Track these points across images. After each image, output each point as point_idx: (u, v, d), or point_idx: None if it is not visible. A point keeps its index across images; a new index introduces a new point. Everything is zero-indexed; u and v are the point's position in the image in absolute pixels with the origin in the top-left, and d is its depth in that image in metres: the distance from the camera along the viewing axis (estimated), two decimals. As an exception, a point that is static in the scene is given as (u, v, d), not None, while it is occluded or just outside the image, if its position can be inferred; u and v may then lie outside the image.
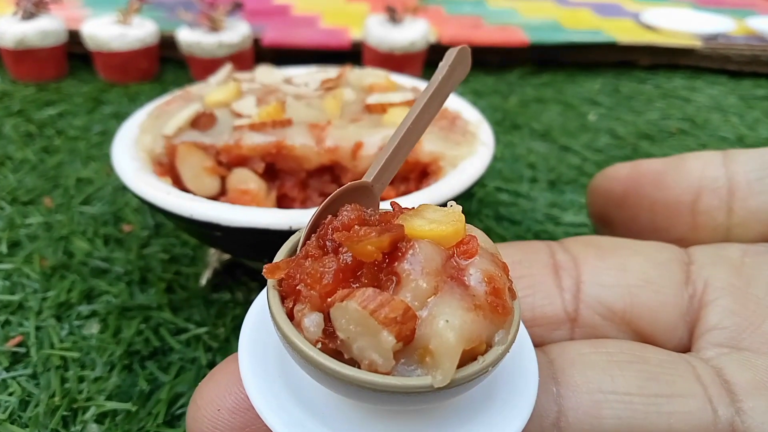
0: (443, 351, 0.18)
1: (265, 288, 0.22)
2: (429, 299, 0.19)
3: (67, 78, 0.74)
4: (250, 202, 0.36)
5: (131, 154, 0.36)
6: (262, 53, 0.78)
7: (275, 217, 0.30)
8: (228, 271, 0.41)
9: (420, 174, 0.37)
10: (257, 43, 0.77)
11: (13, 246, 0.44)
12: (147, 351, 0.35)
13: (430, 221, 0.21)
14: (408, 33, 0.69)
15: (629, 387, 0.23)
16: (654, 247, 0.29)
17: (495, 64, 0.80)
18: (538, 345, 0.27)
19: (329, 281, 0.19)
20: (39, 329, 0.37)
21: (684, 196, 0.32)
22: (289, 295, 0.20)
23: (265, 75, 0.45)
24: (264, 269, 0.20)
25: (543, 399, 0.23)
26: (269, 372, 0.22)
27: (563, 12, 0.93)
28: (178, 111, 0.39)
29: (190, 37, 0.70)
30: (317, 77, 0.43)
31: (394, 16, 0.71)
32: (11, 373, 0.34)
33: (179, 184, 0.37)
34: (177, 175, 0.37)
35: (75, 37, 0.74)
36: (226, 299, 0.39)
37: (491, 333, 0.20)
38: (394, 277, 0.19)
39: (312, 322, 0.19)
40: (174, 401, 0.33)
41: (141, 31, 0.71)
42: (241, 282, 0.41)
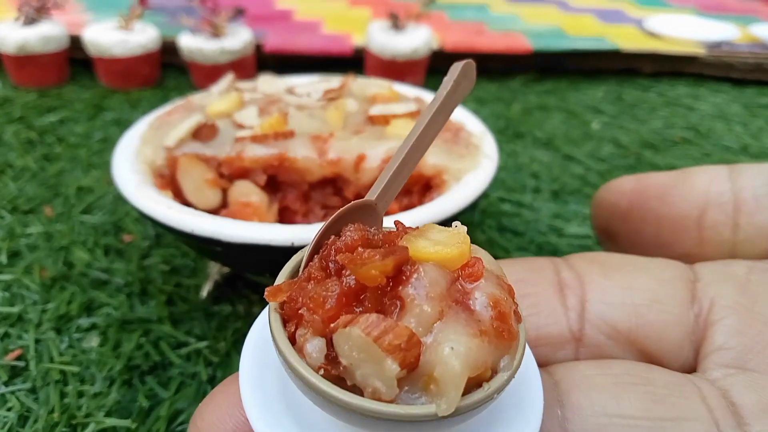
0: (448, 379, 0.18)
1: (267, 309, 0.22)
2: (434, 325, 0.19)
3: (69, 83, 0.74)
4: (251, 214, 0.36)
5: (132, 166, 0.35)
6: (264, 59, 0.78)
7: (277, 233, 0.29)
8: (229, 283, 0.41)
9: (423, 187, 0.37)
10: (259, 49, 0.77)
11: (13, 256, 0.44)
12: (147, 365, 0.35)
13: (434, 243, 0.21)
14: (411, 40, 0.68)
15: (634, 410, 0.23)
16: (659, 265, 0.28)
17: (498, 70, 0.80)
18: (542, 365, 0.27)
19: (332, 306, 0.19)
20: (38, 342, 0.37)
21: (690, 210, 0.32)
22: (291, 319, 0.20)
23: (267, 84, 0.44)
24: (266, 292, 0.20)
25: (548, 422, 0.23)
26: (270, 395, 0.21)
27: (566, 18, 0.93)
28: (179, 121, 0.39)
29: (191, 44, 0.69)
30: (320, 87, 0.43)
31: (396, 22, 0.70)
32: (10, 388, 0.34)
33: (180, 196, 0.37)
34: (178, 187, 0.37)
35: (76, 43, 0.74)
36: (226, 312, 0.39)
37: (496, 358, 0.19)
38: (398, 302, 0.19)
39: (314, 347, 0.19)
40: (174, 418, 0.32)
41: (142, 37, 0.71)
42: (242, 294, 0.40)
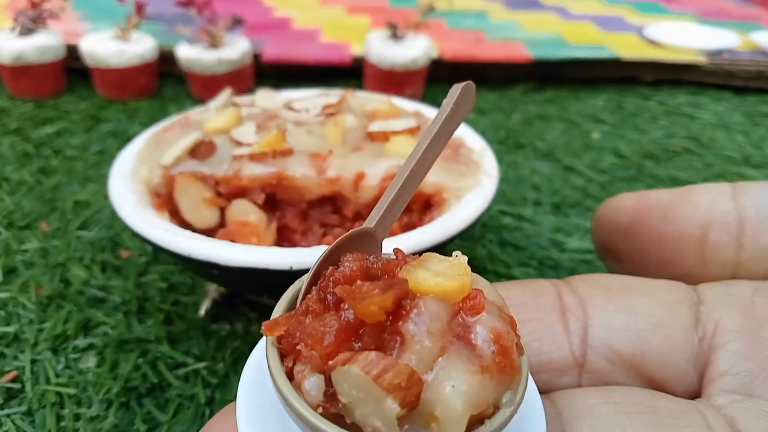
0: (449, 419, 0.17)
1: (263, 341, 0.21)
2: (435, 362, 0.18)
3: (66, 94, 0.73)
4: (249, 234, 0.35)
5: (128, 186, 0.35)
6: (262, 68, 0.78)
7: (275, 257, 0.29)
8: (227, 301, 0.41)
9: (423, 205, 0.36)
10: (257, 58, 0.76)
11: (9, 273, 0.44)
12: (144, 387, 0.35)
13: (435, 274, 0.20)
14: (410, 50, 0.68)
15: (639, 441, 0.22)
16: (663, 287, 0.28)
17: (497, 80, 0.80)
18: (544, 391, 0.26)
19: (330, 342, 0.18)
20: (35, 363, 0.36)
21: (692, 230, 0.31)
22: (289, 354, 0.19)
23: (265, 99, 0.44)
24: (263, 326, 0.20)
25: (552, 455, 0.23)
26: (268, 430, 0.21)
27: (566, 26, 0.92)
28: (176, 139, 0.38)
29: (189, 54, 0.69)
30: (318, 102, 0.43)
31: (395, 32, 0.70)
32: (5, 411, 0.33)
33: (178, 215, 0.36)
34: (175, 207, 0.36)
35: (73, 52, 0.73)
36: (225, 331, 0.39)
37: (499, 395, 0.19)
38: (398, 337, 0.19)
39: (313, 385, 0.18)
40: (171, 443, 0.32)
41: (140, 47, 0.70)
42: (241, 312, 0.40)
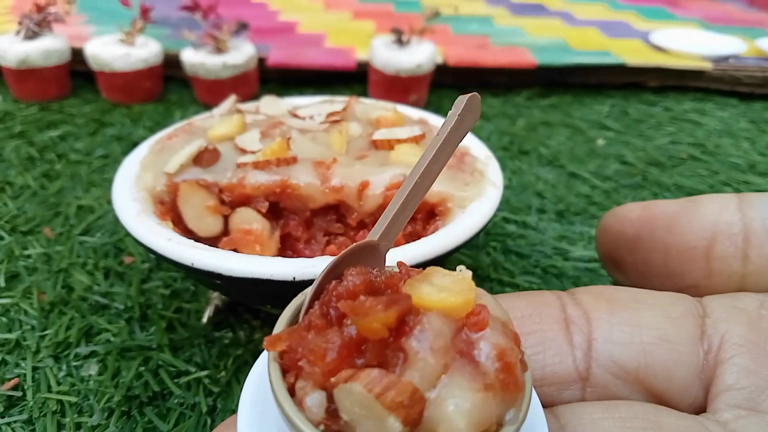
0: (453, 437, 0.17)
1: (265, 355, 0.21)
2: (438, 379, 0.18)
3: (70, 97, 0.73)
4: (253, 242, 0.35)
5: (132, 194, 0.35)
6: (266, 72, 0.78)
7: (278, 268, 0.29)
8: (230, 309, 0.40)
9: (427, 214, 0.36)
10: (262, 63, 0.76)
11: (12, 278, 0.43)
12: (146, 396, 0.34)
13: (439, 289, 0.20)
14: (414, 55, 0.68)
15: (643, 457, 0.22)
16: (668, 300, 0.28)
17: (502, 85, 0.80)
18: (548, 405, 0.26)
19: (333, 358, 0.18)
20: (36, 370, 0.36)
21: (698, 241, 0.31)
22: (291, 369, 0.19)
23: (270, 106, 0.44)
24: (265, 341, 0.19)
25: (555, 471, 0.22)
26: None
27: (570, 31, 0.92)
28: (180, 146, 0.38)
29: (194, 58, 0.69)
30: (323, 109, 0.43)
31: (400, 37, 0.70)
32: (6, 419, 0.33)
33: (181, 223, 0.36)
34: (179, 214, 0.36)
35: (78, 55, 0.73)
36: (227, 338, 0.39)
37: (502, 412, 0.19)
38: (401, 354, 0.19)
39: (315, 402, 0.18)
40: (173, 452, 0.32)
41: (144, 51, 0.70)
42: (244, 320, 0.40)
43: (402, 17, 0.98)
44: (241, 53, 0.70)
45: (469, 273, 0.21)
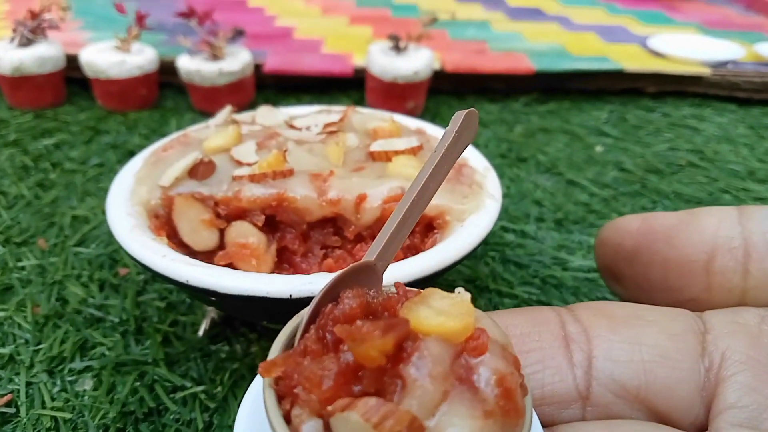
0: (453, 467, 0.17)
1: (259, 380, 0.21)
2: (437, 407, 0.18)
3: (65, 104, 0.73)
4: (249, 256, 0.35)
5: (126, 208, 0.34)
6: (263, 78, 0.77)
7: (275, 285, 0.28)
8: (226, 322, 0.40)
9: (425, 227, 0.36)
10: (258, 69, 0.76)
11: (5, 291, 0.43)
12: (141, 412, 0.34)
13: (437, 312, 0.20)
14: (412, 62, 0.67)
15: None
16: (668, 316, 0.27)
17: (500, 91, 0.79)
18: (548, 425, 0.26)
19: (329, 386, 0.18)
20: (30, 385, 0.36)
21: (698, 255, 0.31)
22: (287, 396, 0.19)
23: (266, 116, 0.43)
24: (260, 367, 0.19)
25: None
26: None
27: (568, 36, 0.92)
28: (175, 158, 0.38)
29: (189, 65, 0.68)
30: (320, 119, 0.42)
31: (397, 44, 0.70)
32: (-1, 437, 0.33)
33: (176, 236, 0.36)
34: (174, 228, 0.36)
35: (73, 62, 0.73)
36: (224, 352, 0.38)
37: (503, 438, 0.18)
38: (399, 381, 0.18)
39: (311, 429, 0.18)
40: (168, 471, 0.31)
41: (140, 58, 0.70)
42: (240, 333, 0.39)
43: (399, 22, 0.98)
44: (238, 60, 0.70)
45: (468, 295, 0.20)
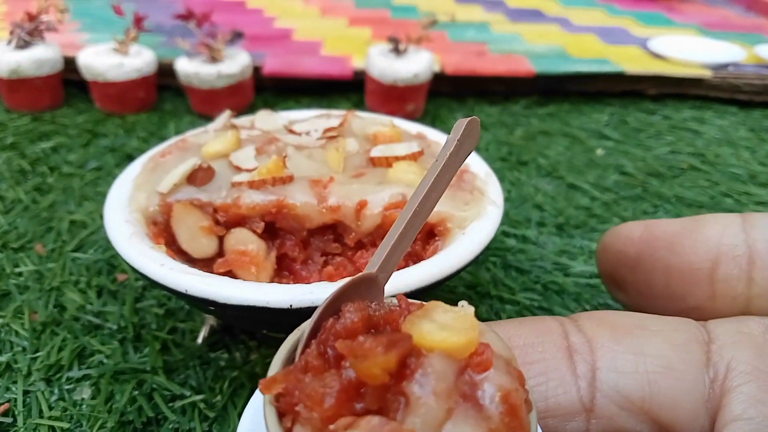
0: (457, 487, 0.17)
1: (259, 395, 0.20)
2: (441, 426, 0.18)
3: (63, 107, 0.72)
4: (248, 263, 0.35)
5: (124, 215, 0.34)
6: (262, 81, 0.77)
7: (275, 295, 0.28)
8: (225, 329, 0.40)
9: (427, 234, 0.35)
10: (257, 72, 0.76)
11: (3, 297, 0.43)
12: (140, 422, 0.34)
13: (440, 327, 0.20)
14: (412, 65, 0.67)
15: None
16: (672, 326, 0.27)
17: (500, 93, 0.79)
18: (552, 438, 0.25)
19: (331, 404, 0.18)
20: (27, 394, 0.35)
21: (701, 263, 0.31)
22: (288, 413, 0.19)
23: (265, 121, 0.43)
24: (260, 384, 0.19)
25: None
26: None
27: (568, 38, 0.91)
28: (174, 164, 0.37)
29: (188, 68, 0.68)
30: (319, 124, 0.42)
31: (397, 46, 0.69)
32: (-4, 447, 0.33)
33: (175, 243, 0.35)
34: (172, 234, 0.35)
35: (71, 64, 0.73)
36: (223, 360, 0.38)
37: (507, 456, 0.18)
38: (402, 398, 0.18)
39: (313, 448, 0.18)
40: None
41: (138, 61, 0.69)
42: (240, 340, 0.39)
43: (398, 24, 0.97)
44: (236, 62, 0.69)
45: (471, 309, 0.20)
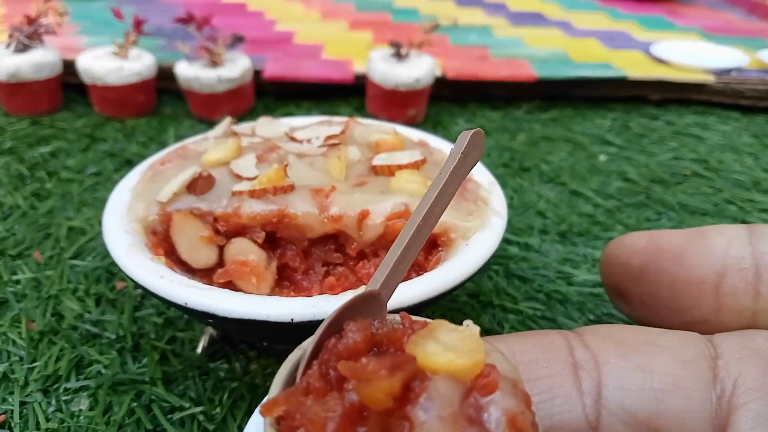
0: None
1: (259, 416, 0.20)
2: (446, 453, 0.17)
3: (62, 110, 0.72)
4: (249, 274, 0.34)
5: (123, 225, 0.34)
6: (262, 84, 0.76)
7: (276, 308, 0.28)
8: (225, 338, 0.39)
9: (430, 244, 0.35)
10: (258, 75, 0.75)
11: (0, 305, 0.42)
12: (138, 434, 0.33)
13: (445, 348, 0.19)
14: (413, 69, 0.67)
15: None
16: (679, 341, 0.27)
17: (502, 98, 0.79)
18: (558, 456, 0.25)
19: (333, 429, 0.17)
20: (24, 405, 0.35)
21: (707, 275, 0.30)
22: (288, 436, 0.18)
23: (266, 128, 0.43)
24: (260, 407, 0.18)
25: None
26: None
27: (570, 42, 0.91)
28: (173, 172, 0.37)
29: (188, 72, 0.68)
30: (321, 131, 0.41)
31: (398, 51, 0.69)
32: (-8, 460, 0.32)
33: (174, 253, 0.35)
34: (172, 244, 0.35)
35: (70, 67, 0.72)
36: (223, 370, 0.37)
37: (514, 481, 0.18)
38: (406, 423, 0.18)
39: (315, 474, 0.17)
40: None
41: (138, 65, 0.69)
42: (239, 350, 0.39)
43: (400, 27, 0.97)
44: (237, 66, 0.69)
45: (477, 329, 0.20)
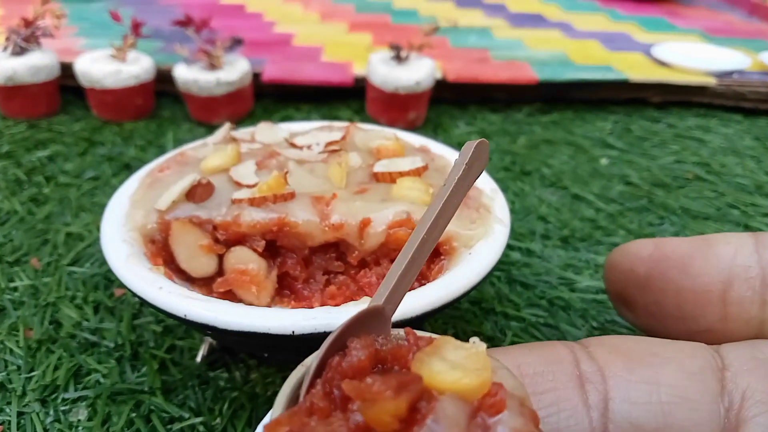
0: None
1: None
2: (453, 474, 0.17)
3: (60, 114, 0.71)
4: (249, 283, 0.34)
5: (121, 234, 0.33)
6: (261, 87, 0.76)
7: (276, 321, 0.27)
8: (225, 347, 0.39)
9: (432, 253, 0.34)
10: (257, 78, 0.75)
11: (-3, 313, 0.42)
12: (137, 446, 0.33)
13: (451, 366, 0.19)
14: (413, 72, 0.66)
15: None
16: (686, 352, 0.26)
17: (502, 101, 0.78)
18: (564, 471, 0.25)
19: (338, 452, 0.17)
20: (21, 415, 0.35)
21: (713, 284, 0.30)
22: (293, 457, 0.18)
23: (266, 134, 0.42)
24: (263, 428, 0.18)
25: None
26: None
27: (571, 44, 0.91)
28: (172, 179, 0.37)
29: (186, 75, 0.67)
30: (321, 137, 0.41)
31: (398, 54, 0.68)
32: (-11, 473, 0.32)
33: (173, 262, 0.34)
34: (171, 253, 0.34)
35: (68, 70, 0.72)
36: (223, 379, 0.37)
37: (522, 502, 0.17)
38: (412, 444, 0.17)
39: (319, 497, 0.17)
40: None
41: (136, 68, 0.68)
42: (239, 359, 0.38)
43: (399, 29, 0.96)
44: (236, 69, 0.68)
45: (483, 346, 0.19)
